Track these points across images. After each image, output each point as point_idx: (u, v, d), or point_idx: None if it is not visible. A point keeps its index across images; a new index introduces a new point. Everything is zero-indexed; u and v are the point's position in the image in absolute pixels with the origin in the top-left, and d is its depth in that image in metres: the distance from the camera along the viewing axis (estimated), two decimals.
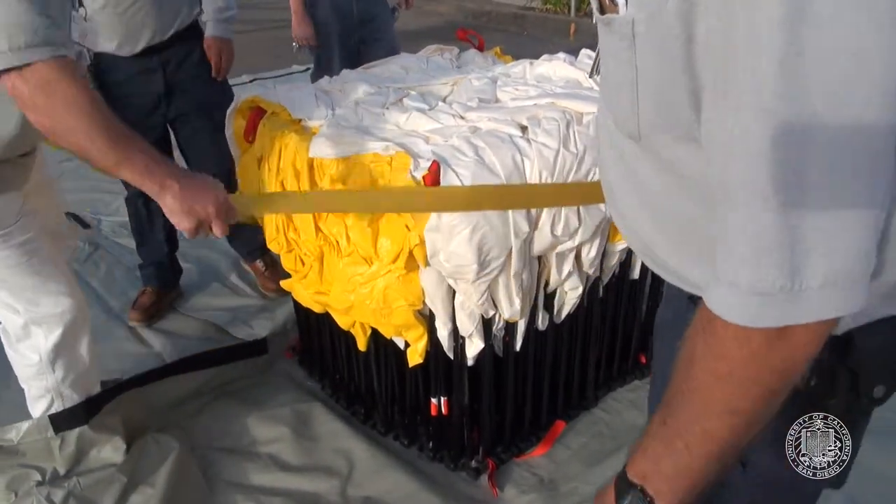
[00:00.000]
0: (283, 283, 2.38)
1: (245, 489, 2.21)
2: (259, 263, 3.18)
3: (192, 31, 2.70)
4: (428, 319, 2.05)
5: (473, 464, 2.27)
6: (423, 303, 2.01)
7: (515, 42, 6.00)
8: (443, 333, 2.04)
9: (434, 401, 2.22)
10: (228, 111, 2.43)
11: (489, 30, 8.05)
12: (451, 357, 2.09)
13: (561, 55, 2.50)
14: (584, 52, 2.50)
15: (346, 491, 2.19)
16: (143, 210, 2.90)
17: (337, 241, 2.08)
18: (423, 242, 1.87)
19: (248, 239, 3.05)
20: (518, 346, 2.15)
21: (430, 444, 2.33)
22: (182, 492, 2.15)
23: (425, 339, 2.07)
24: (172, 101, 2.71)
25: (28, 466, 2.23)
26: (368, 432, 2.42)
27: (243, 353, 2.70)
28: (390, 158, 1.93)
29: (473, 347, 2.05)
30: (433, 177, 1.78)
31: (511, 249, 1.87)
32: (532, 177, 1.86)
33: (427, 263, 1.91)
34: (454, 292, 1.96)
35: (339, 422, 2.43)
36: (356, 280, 2.03)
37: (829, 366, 0.90)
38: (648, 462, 0.89)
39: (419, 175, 1.84)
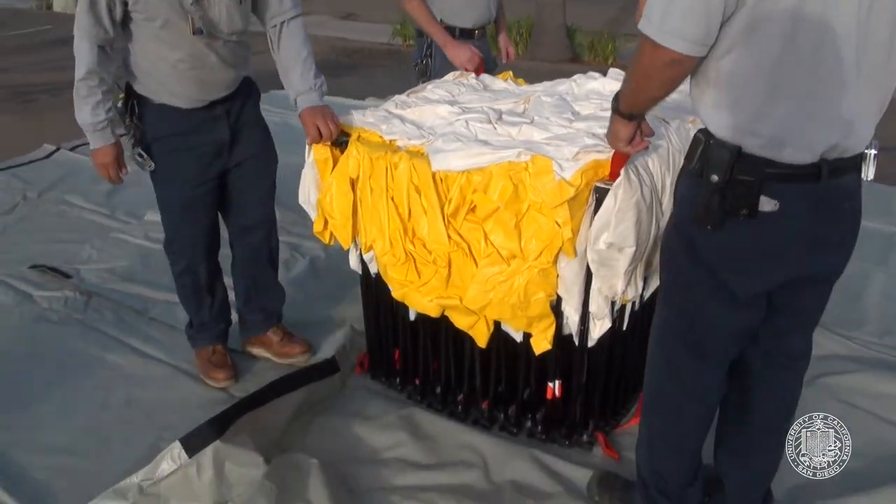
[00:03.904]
0: (396, 294, 2.51)
1: (394, 491, 2.35)
2: (272, 334, 3.02)
3: (246, 80, 2.72)
4: (554, 308, 2.29)
5: (585, 438, 2.53)
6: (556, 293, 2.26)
7: (396, 76, 6.27)
8: (573, 319, 2.29)
9: (550, 384, 2.46)
10: (307, 141, 2.56)
11: (367, 66, 8.32)
12: (577, 341, 2.34)
13: (595, 74, 2.85)
14: (613, 70, 2.85)
15: (490, 478, 2.38)
16: (203, 274, 2.82)
17: (469, 247, 2.28)
18: (574, 235, 2.12)
19: (273, 294, 3.03)
20: (625, 326, 2.43)
21: (539, 428, 2.56)
22: (342, 500, 2.24)
23: (553, 327, 2.31)
24: (234, 149, 2.68)
25: None
26: (477, 426, 2.60)
27: (318, 375, 2.80)
28: (526, 164, 2.17)
29: (599, 328, 2.30)
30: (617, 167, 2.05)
31: (652, 235, 2.16)
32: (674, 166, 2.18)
33: (575, 254, 2.16)
34: (588, 279, 2.22)
35: (447, 421, 2.62)
36: (495, 279, 2.24)
37: (704, 160, 1.68)
38: (620, 98, 1.79)
39: (568, 175, 2.10)
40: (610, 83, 2.74)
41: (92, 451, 2.54)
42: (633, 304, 2.41)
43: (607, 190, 2.07)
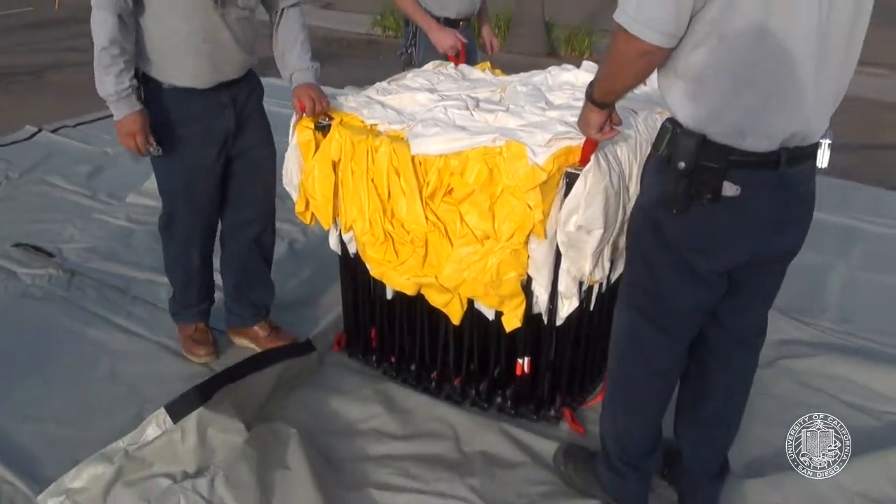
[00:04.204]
0: (374, 273, 2.62)
1: (369, 460, 2.46)
2: (259, 329, 3.05)
3: (252, 72, 2.77)
4: (525, 288, 2.40)
5: (552, 413, 2.65)
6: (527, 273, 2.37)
7: (374, 66, 6.36)
8: (543, 298, 2.40)
9: (520, 361, 2.58)
10: (292, 122, 2.65)
11: (344, 55, 8.40)
12: (546, 319, 2.45)
13: (568, 66, 2.96)
14: (587, 63, 2.96)
15: (461, 448, 2.50)
16: (196, 260, 2.86)
17: (446, 227, 2.39)
18: (545, 218, 2.24)
19: (264, 290, 3.07)
20: (592, 306, 2.55)
21: (509, 403, 2.67)
22: (319, 468, 2.34)
23: (524, 305, 2.42)
24: (238, 138, 2.72)
25: (157, 476, 2.34)
26: (450, 401, 2.71)
27: (294, 353, 2.89)
28: (501, 149, 2.28)
29: (567, 307, 2.42)
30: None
31: (619, 219, 2.28)
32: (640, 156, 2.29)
33: (545, 236, 2.27)
34: (557, 260, 2.33)
35: (421, 395, 2.73)
36: (470, 258, 2.35)
37: (671, 148, 1.79)
38: (594, 86, 1.90)
39: (540, 160, 2.21)
40: (583, 75, 2.85)
41: (78, 421, 2.62)
42: (601, 285, 2.52)
43: (577, 175, 2.18)
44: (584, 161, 2.18)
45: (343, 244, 2.77)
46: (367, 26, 9.50)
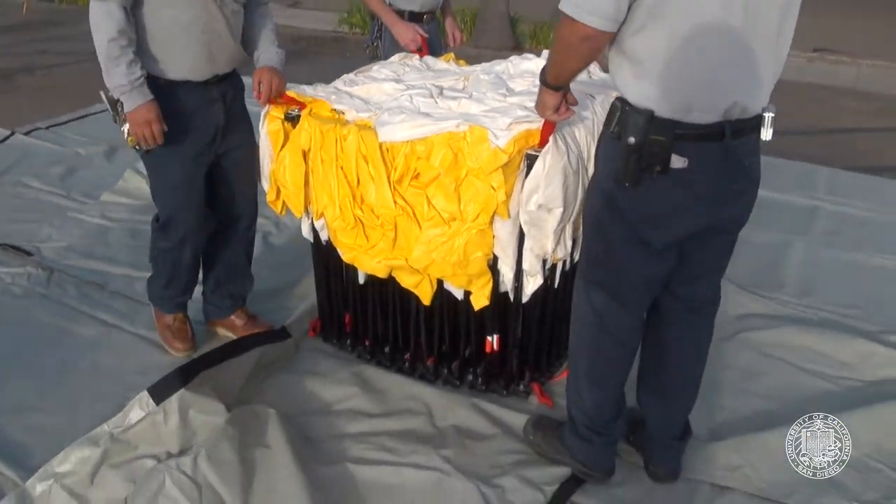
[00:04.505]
0: (346, 258, 2.70)
1: (347, 437, 2.55)
2: (235, 318, 3.11)
3: (236, 72, 2.82)
4: (491, 267, 2.50)
5: (521, 388, 2.76)
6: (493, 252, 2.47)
7: (342, 63, 6.44)
8: (508, 276, 2.51)
9: (489, 338, 2.68)
10: (263, 112, 2.73)
11: (313, 52, 8.46)
12: (513, 297, 2.55)
13: (529, 55, 3.07)
14: (546, 52, 3.06)
15: (435, 423, 2.60)
16: (188, 255, 2.89)
17: (414, 210, 2.48)
18: (508, 198, 2.34)
19: (243, 282, 3.13)
20: (556, 284, 2.66)
21: (480, 380, 2.77)
22: (298, 446, 2.43)
23: (491, 284, 2.52)
24: (226, 135, 2.77)
25: (142, 457, 2.42)
26: (423, 380, 2.81)
27: (270, 339, 2.97)
28: (464, 134, 2.38)
29: (532, 285, 2.52)
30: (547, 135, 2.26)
31: (578, 198, 2.39)
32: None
33: (509, 216, 2.37)
34: (521, 240, 2.43)
35: (395, 375, 2.84)
36: (438, 240, 2.45)
37: (622, 125, 1.91)
38: (546, 70, 2.04)
39: (502, 143, 2.31)
40: (542, 63, 2.94)
41: (62, 411, 2.69)
42: (564, 263, 2.63)
43: (537, 156, 2.29)
44: (542, 143, 2.29)
45: (315, 231, 2.85)
46: (335, 24, 9.56)
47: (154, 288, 3.04)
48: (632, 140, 1.88)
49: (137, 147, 2.58)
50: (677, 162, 1.87)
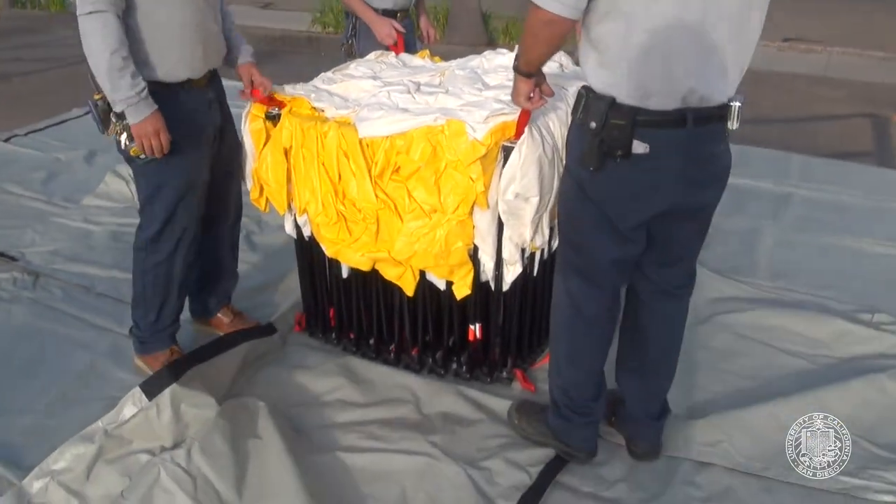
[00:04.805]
0: (329, 252, 2.76)
1: (337, 426, 2.62)
2: (222, 315, 3.13)
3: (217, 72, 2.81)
4: (472, 257, 2.57)
5: (504, 374, 2.83)
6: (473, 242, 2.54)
7: (316, 63, 6.50)
8: (489, 266, 2.57)
9: (472, 327, 2.74)
10: (244, 112, 2.78)
11: (286, 53, 8.49)
12: (493, 286, 2.62)
13: (503, 50, 3.14)
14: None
15: (421, 410, 2.67)
16: (179, 267, 2.79)
17: (395, 204, 2.54)
18: (486, 189, 2.40)
19: (229, 280, 3.15)
20: (535, 272, 2.73)
21: (464, 369, 2.84)
22: (288, 436, 2.48)
23: (472, 273, 2.59)
24: (223, 136, 2.79)
25: (137, 452, 2.47)
26: (409, 370, 2.88)
27: (256, 335, 3.03)
28: (443, 128, 2.44)
29: (512, 273, 2.59)
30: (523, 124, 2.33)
31: (554, 187, 2.46)
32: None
33: (488, 206, 2.44)
34: (500, 230, 2.50)
35: (382, 366, 2.90)
36: (419, 232, 2.52)
37: (586, 111, 2.00)
38: (518, 58, 2.09)
39: (479, 136, 2.37)
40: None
41: (55, 411, 2.73)
42: (542, 252, 2.70)
43: (513, 147, 2.35)
44: (518, 134, 2.35)
45: (298, 228, 2.90)
46: (308, 24, 9.59)
47: (144, 326, 2.88)
48: (593, 125, 1.97)
49: (141, 157, 2.52)
50: (639, 147, 1.96)
